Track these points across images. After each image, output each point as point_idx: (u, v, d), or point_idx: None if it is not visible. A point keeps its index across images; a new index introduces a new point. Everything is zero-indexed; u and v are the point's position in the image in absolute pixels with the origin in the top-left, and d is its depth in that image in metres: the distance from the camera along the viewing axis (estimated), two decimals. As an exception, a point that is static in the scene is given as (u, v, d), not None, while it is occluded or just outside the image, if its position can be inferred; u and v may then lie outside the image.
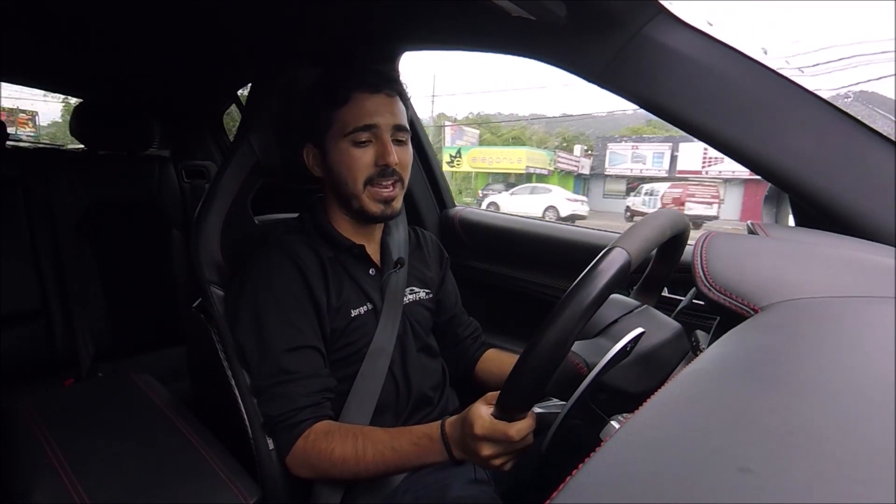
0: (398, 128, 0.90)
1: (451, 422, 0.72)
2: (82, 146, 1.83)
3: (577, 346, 0.63)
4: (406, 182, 0.93)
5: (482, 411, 0.66)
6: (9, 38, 1.31)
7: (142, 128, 1.81)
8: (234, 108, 2.14)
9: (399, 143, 0.91)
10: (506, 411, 0.63)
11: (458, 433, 0.69)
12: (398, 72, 1.28)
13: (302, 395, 0.82)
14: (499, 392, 0.64)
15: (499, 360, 1.07)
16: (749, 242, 0.61)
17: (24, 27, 1.27)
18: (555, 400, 0.74)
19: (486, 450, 0.65)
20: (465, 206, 1.57)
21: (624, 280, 0.53)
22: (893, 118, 0.71)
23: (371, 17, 1.09)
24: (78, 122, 1.69)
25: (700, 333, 0.69)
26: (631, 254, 0.53)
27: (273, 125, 1.00)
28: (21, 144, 1.97)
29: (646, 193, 17.30)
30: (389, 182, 0.89)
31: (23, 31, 1.30)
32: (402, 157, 0.90)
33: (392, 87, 0.91)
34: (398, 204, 0.92)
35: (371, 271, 0.95)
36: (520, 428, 0.64)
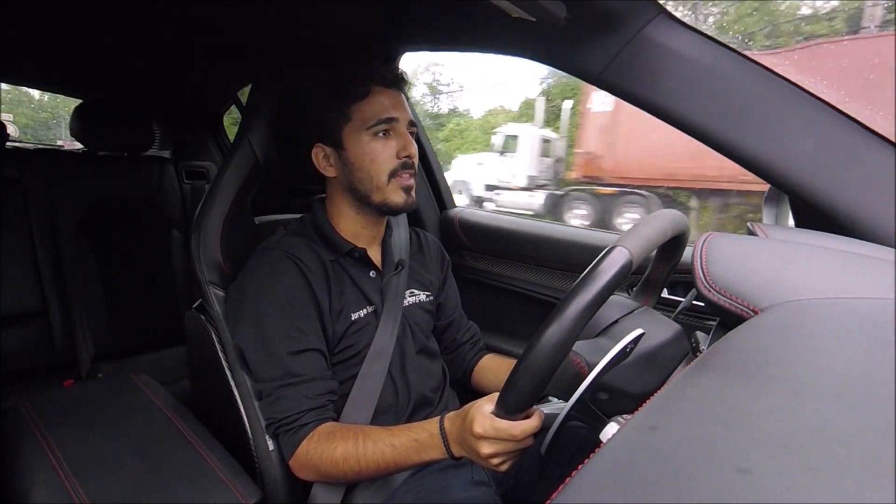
0: (411, 122, 0.92)
1: (450, 417, 0.72)
2: (82, 146, 1.83)
3: (577, 346, 0.63)
4: None
5: (484, 409, 0.64)
6: (8, 38, 1.31)
7: (142, 128, 1.81)
8: (233, 108, 2.14)
9: (411, 134, 0.93)
10: (506, 410, 0.62)
11: (458, 430, 0.69)
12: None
13: (306, 397, 0.82)
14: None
15: (495, 368, 1.07)
16: (749, 244, 0.61)
17: (24, 27, 1.27)
18: (554, 401, 0.74)
19: (486, 448, 0.64)
20: (464, 207, 1.57)
21: (626, 279, 0.53)
22: (894, 119, 0.71)
23: (371, 17, 1.09)
24: (78, 122, 1.69)
25: (700, 334, 0.69)
26: (633, 253, 0.53)
27: (273, 127, 1.00)
28: (21, 145, 1.97)
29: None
30: (409, 173, 0.91)
31: (23, 32, 1.30)
32: (415, 151, 0.92)
33: (402, 85, 0.94)
34: (415, 194, 0.93)
35: (371, 273, 0.95)
36: (524, 427, 0.63)
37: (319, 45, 1.26)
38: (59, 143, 5.91)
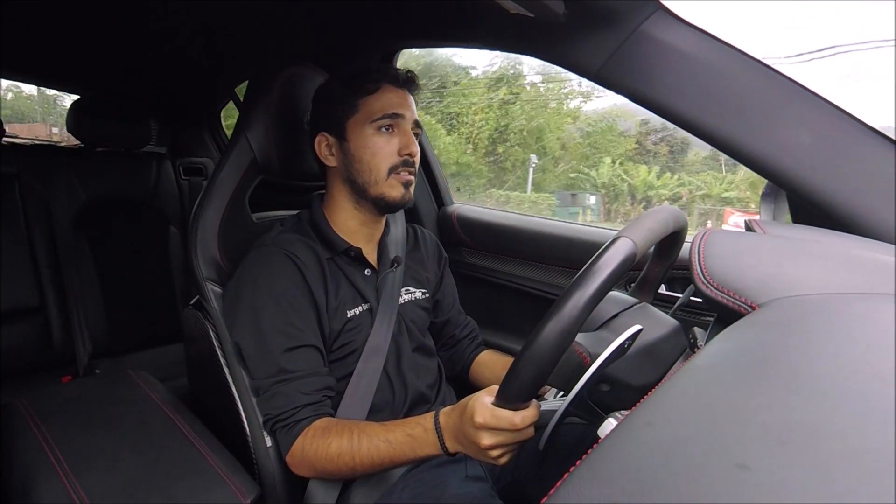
0: (416, 123, 0.93)
1: (446, 411, 0.71)
2: (79, 143, 1.83)
3: (578, 339, 0.63)
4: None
5: (484, 400, 0.63)
6: (6, 33, 1.30)
7: (139, 124, 1.81)
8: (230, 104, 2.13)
9: (415, 136, 0.93)
10: (508, 400, 0.61)
11: (455, 422, 0.68)
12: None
13: (302, 393, 0.82)
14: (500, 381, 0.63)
15: (493, 364, 1.07)
16: (747, 239, 0.61)
17: (22, 23, 1.26)
18: (552, 400, 0.75)
19: (486, 439, 0.63)
20: (463, 203, 1.57)
21: (629, 269, 0.53)
22: (894, 118, 0.71)
23: (368, 13, 1.09)
24: (75, 118, 1.68)
25: (698, 330, 0.69)
26: (637, 244, 0.53)
27: (273, 120, 0.99)
28: (18, 141, 1.95)
29: None
30: (409, 171, 0.91)
31: (21, 27, 1.29)
32: (417, 150, 0.93)
33: (413, 87, 0.94)
34: (412, 190, 0.94)
35: (367, 272, 0.95)
36: (525, 416, 0.62)
37: (317, 42, 1.25)
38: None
